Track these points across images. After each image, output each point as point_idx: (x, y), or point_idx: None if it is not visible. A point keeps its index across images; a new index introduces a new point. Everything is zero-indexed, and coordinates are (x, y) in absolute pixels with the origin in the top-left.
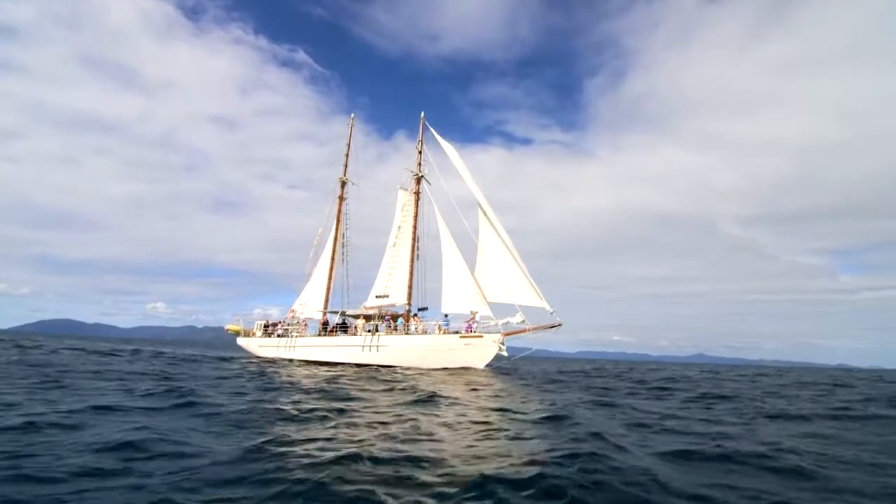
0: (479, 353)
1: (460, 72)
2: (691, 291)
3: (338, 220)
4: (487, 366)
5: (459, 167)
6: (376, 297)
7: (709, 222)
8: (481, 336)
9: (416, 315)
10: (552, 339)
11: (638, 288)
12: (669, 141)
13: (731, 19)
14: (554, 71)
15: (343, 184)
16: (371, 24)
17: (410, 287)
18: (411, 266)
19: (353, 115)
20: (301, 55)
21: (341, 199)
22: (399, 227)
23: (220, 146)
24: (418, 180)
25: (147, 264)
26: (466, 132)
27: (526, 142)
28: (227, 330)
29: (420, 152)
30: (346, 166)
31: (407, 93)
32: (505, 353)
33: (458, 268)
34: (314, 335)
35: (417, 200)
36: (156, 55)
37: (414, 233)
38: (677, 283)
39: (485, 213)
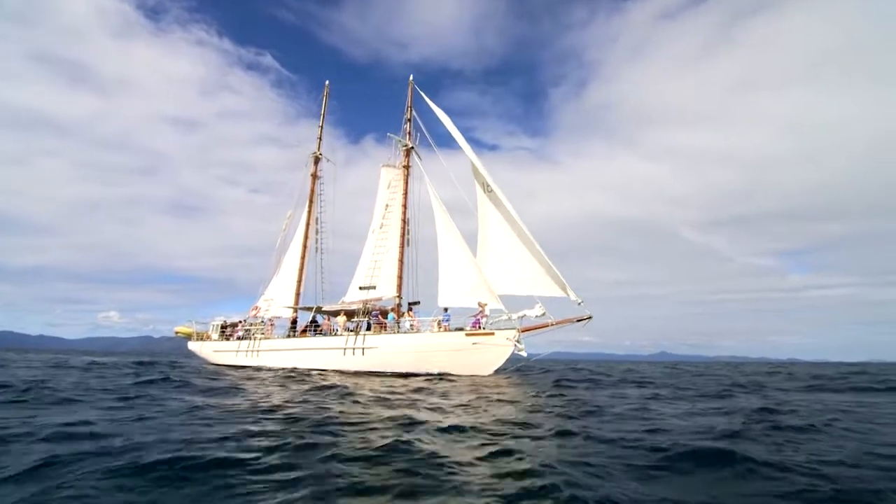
0: (491, 354)
1: (429, 79)
2: (653, 293)
3: (310, 202)
4: (499, 370)
5: (455, 134)
6: (360, 288)
7: (667, 227)
8: (493, 333)
9: (410, 309)
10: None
11: (602, 291)
12: (628, 150)
13: (685, 37)
14: (520, 80)
15: (317, 159)
16: (340, 30)
17: (400, 277)
18: (401, 252)
19: (327, 83)
20: (268, 59)
21: (314, 176)
22: (387, 205)
23: (179, 148)
24: (408, 152)
25: (99, 271)
26: (434, 137)
27: (493, 148)
28: (176, 333)
29: (409, 120)
30: (320, 139)
31: (375, 98)
32: (524, 354)
33: (458, 252)
34: (283, 337)
35: (407, 176)
36: (113, 54)
37: (404, 213)
38: (639, 286)
39: (485, 188)
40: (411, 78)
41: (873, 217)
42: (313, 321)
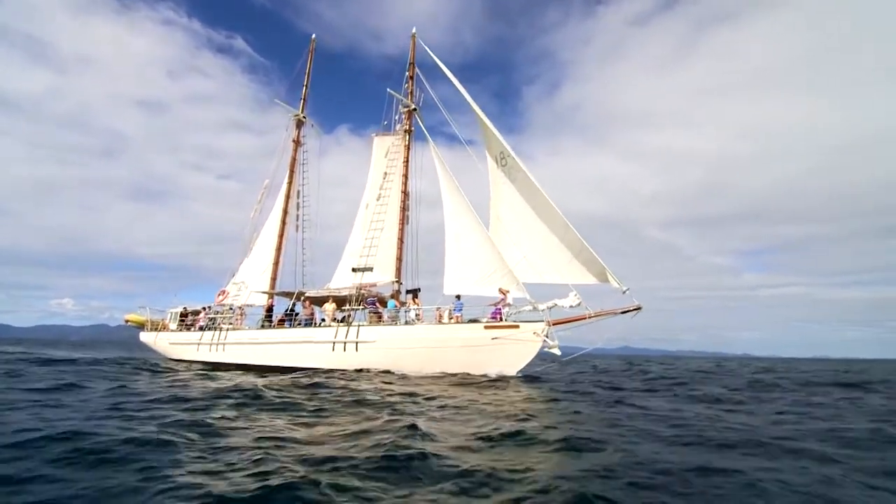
0: (514, 351)
1: (404, 72)
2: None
3: (291, 170)
4: (522, 371)
5: (465, 94)
6: (353, 270)
7: (633, 225)
8: (517, 326)
9: (415, 297)
10: None
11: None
12: (599, 149)
13: (656, 42)
14: (495, 77)
15: (300, 123)
16: (316, 18)
17: (400, 259)
18: (401, 230)
19: (314, 37)
20: (239, 42)
21: (297, 143)
22: (385, 174)
23: (142, 130)
24: (410, 114)
25: (52, 256)
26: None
27: (469, 143)
28: (127, 321)
29: (412, 78)
30: (304, 100)
31: (349, 88)
32: (557, 352)
33: (471, 230)
34: (255, 327)
35: (409, 141)
36: (72, 29)
37: (405, 183)
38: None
39: (498, 161)
40: (414, 31)
41: (827, 221)
42: (292, 311)
